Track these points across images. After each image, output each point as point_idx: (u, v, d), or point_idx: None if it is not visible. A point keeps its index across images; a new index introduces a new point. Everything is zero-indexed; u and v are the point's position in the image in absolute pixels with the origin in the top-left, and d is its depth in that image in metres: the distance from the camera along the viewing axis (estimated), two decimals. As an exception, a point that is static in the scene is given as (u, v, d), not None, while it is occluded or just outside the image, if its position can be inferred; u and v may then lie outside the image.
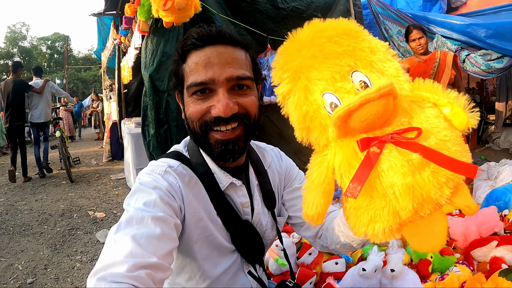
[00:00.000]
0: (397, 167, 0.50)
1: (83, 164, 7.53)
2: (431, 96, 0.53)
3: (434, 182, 0.50)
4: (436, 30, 3.60)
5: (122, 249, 0.65)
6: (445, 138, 0.50)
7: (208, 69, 0.82)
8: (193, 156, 0.94)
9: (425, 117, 0.52)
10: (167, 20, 2.55)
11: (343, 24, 0.56)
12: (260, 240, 1.02)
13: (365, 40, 0.54)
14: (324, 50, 0.54)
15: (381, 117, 0.50)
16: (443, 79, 2.80)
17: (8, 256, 2.97)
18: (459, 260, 1.97)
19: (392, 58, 0.54)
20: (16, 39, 34.95)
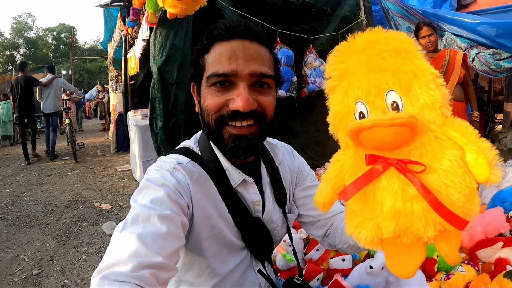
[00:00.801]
0: (392, 190, 0.51)
1: (89, 155, 7.56)
2: (459, 138, 0.51)
3: (422, 218, 0.50)
4: (446, 28, 3.56)
5: (127, 248, 0.64)
6: (450, 183, 0.49)
7: (232, 62, 0.80)
8: (204, 152, 0.93)
9: (440, 156, 0.51)
10: (172, 11, 2.54)
11: (398, 41, 0.54)
12: (270, 237, 1.01)
13: (412, 63, 0.52)
14: (370, 62, 0.54)
15: (391, 142, 0.50)
16: (452, 78, 2.78)
17: (14, 247, 3.00)
18: (465, 260, 1.97)
19: (434, 88, 0.51)
20: (22, 30, 34.93)
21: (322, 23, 3.91)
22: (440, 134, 0.52)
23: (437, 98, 0.51)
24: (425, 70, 0.52)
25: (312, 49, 3.64)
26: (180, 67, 2.95)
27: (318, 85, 3.49)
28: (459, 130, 0.51)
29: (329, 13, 3.96)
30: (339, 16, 4.01)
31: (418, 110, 0.51)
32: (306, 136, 3.90)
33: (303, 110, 3.89)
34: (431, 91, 0.51)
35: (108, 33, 8.72)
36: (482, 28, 3.26)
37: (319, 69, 3.52)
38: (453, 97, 2.82)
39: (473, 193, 0.51)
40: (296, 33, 3.64)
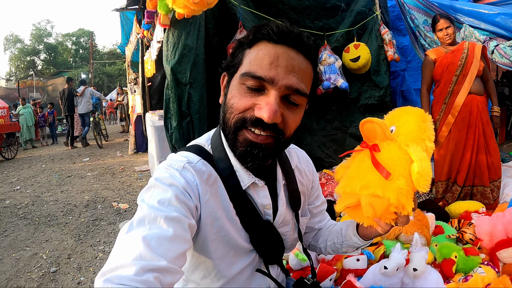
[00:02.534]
0: (365, 162, 0.83)
1: (108, 156, 7.72)
2: (411, 152, 0.78)
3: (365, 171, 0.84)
4: (464, 20, 3.44)
5: (132, 251, 0.64)
6: (392, 162, 0.79)
7: (272, 67, 0.76)
8: (215, 151, 0.90)
9: (393, 151, 0.80)
10: (181, 12, 2.56)
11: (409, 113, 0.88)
12: (281, 241, 0.99)
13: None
14: (400, 115, 0.90)
15: (370, 132, 0.85)
16: (471, 71, 2.68)
17: (33, 246, 3.08)
18: (484, 261, 1.90)
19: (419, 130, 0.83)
20: (42, 36, 35.88)
21: (336, 19, 3.86)
22: (402, 147, 0.80)
23: (414, 135, 0.82)
24: (416, 122, 0.84)
25: (326, 45, 3.59)
26: (193, 67, 2.96)
27: (333, 82, 3.44)
28: (416, 150, 0.77)
29: (344, 8, 3.90)
30: (354, 12, 3.95)
31: (398, 134, 0.84)
32: (323, 134, 3.86)
33: (319, 107, 3.85)
34: (412, 131, 0.83)
35: (125, 37, 8.87)
36: (501, 19, 3.14)
37: (334, 66, 3.47)
38: (473, 90, 2.73)
39: (404, 178, 0.76)
40: (311, 30, 3.61)
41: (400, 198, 0.74)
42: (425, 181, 0.72)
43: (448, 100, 2.79)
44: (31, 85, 18.04)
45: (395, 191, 0.74)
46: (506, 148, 5.11)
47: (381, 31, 3.96)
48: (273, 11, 3.38)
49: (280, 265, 1.05)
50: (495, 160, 2.75)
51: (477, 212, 2.44)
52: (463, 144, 2.75)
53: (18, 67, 33.58)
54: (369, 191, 0.76)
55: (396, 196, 0.74)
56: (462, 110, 2.74)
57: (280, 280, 1.05)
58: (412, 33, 4.14)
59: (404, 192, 0.74)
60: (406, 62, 4.58)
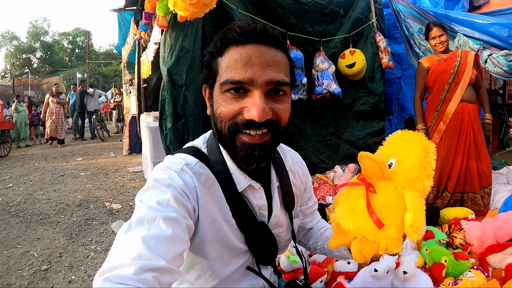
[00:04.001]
0: (354, 194, 0.83)
1: (102, 156, 7.69)
2: (407, 198, 0.75)
3: (359, 213, 0.80)
4: (458, 29, 3.50)
5: (131, 251, 0.64)
6: (384, 208, 0.76)
7: (248, 69, 0.77)
8: (211, 153, 0.91)
9: (388, 195, 0.77)
10: (183, 15, 2.57)
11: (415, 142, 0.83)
12: (275, 242, 1.00)
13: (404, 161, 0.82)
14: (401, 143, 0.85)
15: (368, 170, 0.81)
16: (463, 79, 2.73)
17: (25, 244, 3.06)
18: (474, 266, 1.93)
19: (419, 170, 0.79)
20: (38, 34, 35.65)
21: (335, 25, 3.90)
22: (399, 189, 0.77)
23: (413, 174, 0.78)
24: (417, 159, 0.79)
25: (321, 51, 3.62)
26: (189, 69, 2.98)
27: (325, 87, 3.46)
28: (412, 197, 0.75)
29: (342, 15, 3.94)
30: (352, 18, 3.99)
31: (397, 171, 0.80)
32: (317, 139, 3.88)
33: (314, 113, 3.87)
34: (412, 169, 0.79)
35: (122, 37, 8.86)
36: (495, 29, 3.20)
37: (327, 71, 3.49)
38: (465, 98, 2.77)
39: (396, 228, 0.75)
40: (310, 34, 3.64)
41: (389, 246, 0.75)
42: (416, 234, 0.73)
43: (440, 108, 2.84)
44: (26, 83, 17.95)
45: (385, 239, 0.75)
46: (498, 156, 5.17)
47: (377, 39, 4.01)
48: (272, 15, 3.41)
49: (273, 266, 1.06)
50: (486, 167, 2.80)
51: (466, 219, 2.47)
52: (454, 151, 2.80)
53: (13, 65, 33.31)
54: (361, 234, 0.78)
55: (385, 244, 0.75)
56: (454, 118, 2.78)
57: (272, 281, 1.05)
58: (407, 41, 4.19)
59: (394, 241, 0.75)
60: (402, 70, 4.64)
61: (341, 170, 3.57)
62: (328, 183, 3.23)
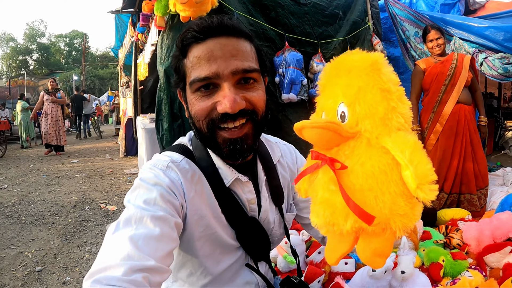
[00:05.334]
0: (323, 182, 0.60)
1: (98, 158, 7.65)
2: (392, 148, 0.54)
3: (342, 211, 0.56)
4: (454, 32, 3.54)
5: (119, 251, 0.64)
6: (366, 186, 0.54)
7: (211, 63, 0.77)
8: (196, 149, 0.90)
9: (364, 160, 0.56)
10: (184, 15, 2.57)
11: (356, 61, 0.61)
12: (267, 237, 0.99)
13: (360, 79, 0.59)
14: (335, 77, 0.63)
15: (319, 142, 0.61)
16: (459, 81, 2.75)
17: (19, 244, 3.03)
18: (472, 265, 1.93)
19: (379, 101, 0.57)
20: (35, 36, 35.61)
21: (334, 27, 3.91)
22: (374, 142, 0.56)
23: (379, 110, 0.56)
24: (373, 85, 0.57)
25: (318, 54, 3.63)
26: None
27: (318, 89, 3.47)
28: (396, 141, 0.54)
29: (341, 17, 3.96)
30: (350, 21, 4.01)
31: (358, 119, 0.57)
32: None
33: (313, 114, 3.86)
34: (373, 104, 0.57)
35: (119, 39, 8.84)
36: (490, 33, 3.24)
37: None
38: (461, 100, 2.79)
39: (400, 201, 0.53)
40: (310, 35, 3.63)
41: (407, 223, 0.54)
42: (430, 191, 0.50)
43: (437, 109, 2.85)
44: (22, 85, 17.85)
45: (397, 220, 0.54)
46: (493, 158, 5.21)
47: (373, 42, 4.04)
48: (272, 15, 3.41)
49: (268, 262, 1.05)
50: (482, 168, 2.81)
51: (463, 220, 2.48)
52: (451, 152, 2.81)
53: (9, 66, 33.22)
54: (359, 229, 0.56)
55: (400, 225, 0.54)
56: (450, 119, 2.79)
57: (268, 278, 1.03)
58: (403, 44, 4.22)
59: (409, 215, 0.54)
60: (399, 74, 4.62)
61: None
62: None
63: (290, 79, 3.22)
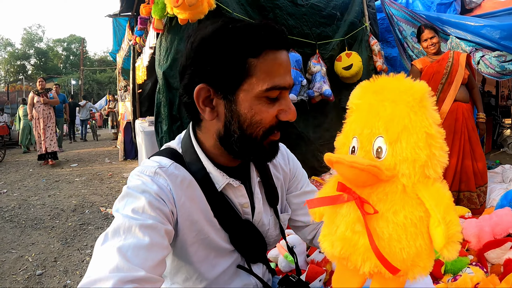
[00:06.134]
0: (347, 218, 0.58)
1: (97, 162, 7.64)
2: (428, 200, 0.52)
3: (362, 253, 0.55)
4: (450, 32, 3.55)
5: (108, 263, 0.62)
6: (395, 236, 0.52)
7: (287, 74, 0.77)
8: (186, 153, 0.88)
9: (397, 209, 0.53)
10: (182, 17, 2.58)
11: (404, 92, 0.56)
12: (262, 239, 0.98)
13: (407, 117, 0.54)
14: (373, 105, 0.58)
15: (353, 181, 0.58)
16: (456, 79, 2.76)
17: (19, 248, 3.02)
18: (473, 262, 1.93)
19: (423, 147, 0.53)
20: (33, 41, 35.60)
21: (332, 27, 3.92)
22: (410, 190, 0.54)
23: (421, 157, 0.53)
24: (420, 128, 0.53)
25: (316, 54, 3.64)
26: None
27: (316, 90, 3.47)
28: (433, 194, 0.52)
29: (339, 18, 3.97)
30: (347, 22, 4.03)
31: (396, 161, 0.54)
32: (320, 142, 3.86)
33: (316, 115, 3.85)
34: (417, 148, 0.53)
35: (117, 43, 8.85)
36: (486, 31, 3.25)
37: (319, 73, 3.51)
38: (458, 98, 2.80)
39: (423, 254, 0.53)
40: (308, 36, 3.65)
41: (422, 274, 0.54)
42: (455, 252, 0.50)
43: (434, 108, 2.86)
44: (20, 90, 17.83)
45: (414, 271, 0.53)
46: (492, 156, 5.22)
47: (370, 42, 4.05)
48: (270, 16, 3.42)
49: (266, 263, 1.04)
50: (481, 165, 2.81)
51: (463, 217, 2.48)
52: (449, 150, 2.80)
53: (8, 71, 33.20)
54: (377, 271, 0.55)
55: (416, 274, 0.54)
56: (448, 117, 2.80)
57: (266, 279, 1.03)
58: (400, 44, 4.24)
59: (427, 268, 0.54)
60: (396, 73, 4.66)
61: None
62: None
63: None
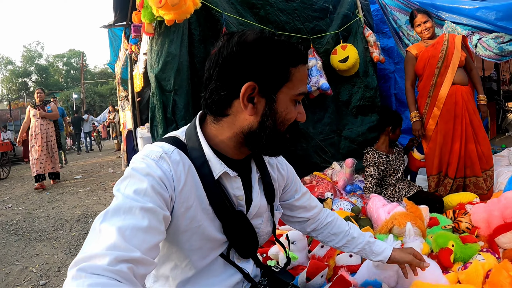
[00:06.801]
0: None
1: (101, 173, 7.66)
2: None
3: None
4: (445, 17, 3.49)
5: (106, 241, 0.64)
6: None
7: (306, 84, 0.93)
8: (189, 140, 0.91)
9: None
10: (168, 18, 2.56)
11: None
12: (254, 234, 1.00)
13: None
14: None
15: None
16: (453, 62, 2.68)
17: (23, 260, 3.01)
18: (483, 248, 1.85)
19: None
20: (33, 58, 35.94)
21: (326, 21, 3.89)
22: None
23: None
24: None
25: (311, 49, 3.60)
26: (177, 74, 2.95)
27: (313, 84, 3.42)
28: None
29: (332, 11, 3.94)
30: (340, 14, 3.99)
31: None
32: (320, 138, 3.82)
33: (315, 110, 3.81)
34: None
35: (114, 54, 8.86)
36: (481, 13, 3.18)
37: (315, 68, 3.47)
38: (456, 81, 2.72)
39: None
40: (301, 31, 3.62)
41: None
42: None
43: (432, 93, 2.79)
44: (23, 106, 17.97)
45: None
46: (498, 141, 5.13)
47: (365, 33, 4.00)
48: (262, 13, 3.40)
49: (255, 259, 1.07)
50: (485, 149, 2.73)
51: (471, 203, 2.41)
52: (451, 135, 2.74)
53: (10, 89, 33.52)
54: None
55: None
56: (447, 102, 2.73)
57: (254, 274, 1.06)
58: (396, 34, 4.18)
59: None
60: (394, 64, 4.60)
61: (339, 166, 3.51)
62: (326, 180, 3.19)
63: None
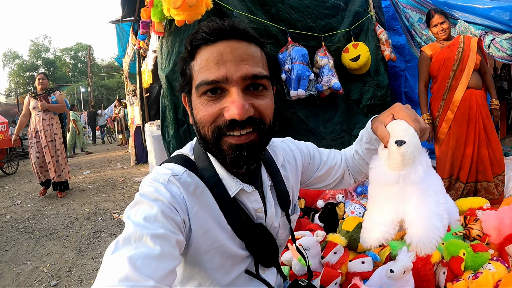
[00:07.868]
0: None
1: (109, 168, 7.71)
2: None
3: None
4: (458, 16, 3.43)
5: (117, 273, 0.62)
6: None
7: (220, 66, 0.74)
8: (199, 160, 0.87)
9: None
10: (179, 19, 2.54)
11: None
12: (274, 242, 0.97)
13: None
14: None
15: None
16: (468, 65, 2.65)
17: (34, 259, 3.04)
18: (493, 257, 1.85)
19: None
20: (40, 51, 36.16)
21: (337, 18, 3.84)
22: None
23: None
24: None
25: (322, 47, 3.56)
26: (182, 74, 2.94)
27: (325, 83, 3.39)
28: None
29: (343, 8, 3.89)
30: (352, 12, 3.94)
31: None
32: (331, 137, 3.78)
33: (326, 110, 3.77)
34: None
35: (121, 48, 8.88)
36: (495, 13, 3.13)
37: (327, 67, 3.43)
38: (471, 85, 2.69)
39: None
40: (313, 29, 3.57)
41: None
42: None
43: (447, 96, 2.76)
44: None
45: None
46: (508, 142, 5.07)
47: (377, 31, 3.95)
48: (273, 11, 3.36)
49: (278, 267, 1.03)
50: (498, 153, 2.70)
51: (482, 209, 2.39)
52: (464, 139, 2.71)
53: (17, 83, 33.82)
54: None
55: None
56: (461, 105, 2.70)
57: (277, 284, 1.03)
58: (408, 32, 4.13)
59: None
60: (405, 62, 4.55)
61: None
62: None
63: (297, 75, 3.16)
